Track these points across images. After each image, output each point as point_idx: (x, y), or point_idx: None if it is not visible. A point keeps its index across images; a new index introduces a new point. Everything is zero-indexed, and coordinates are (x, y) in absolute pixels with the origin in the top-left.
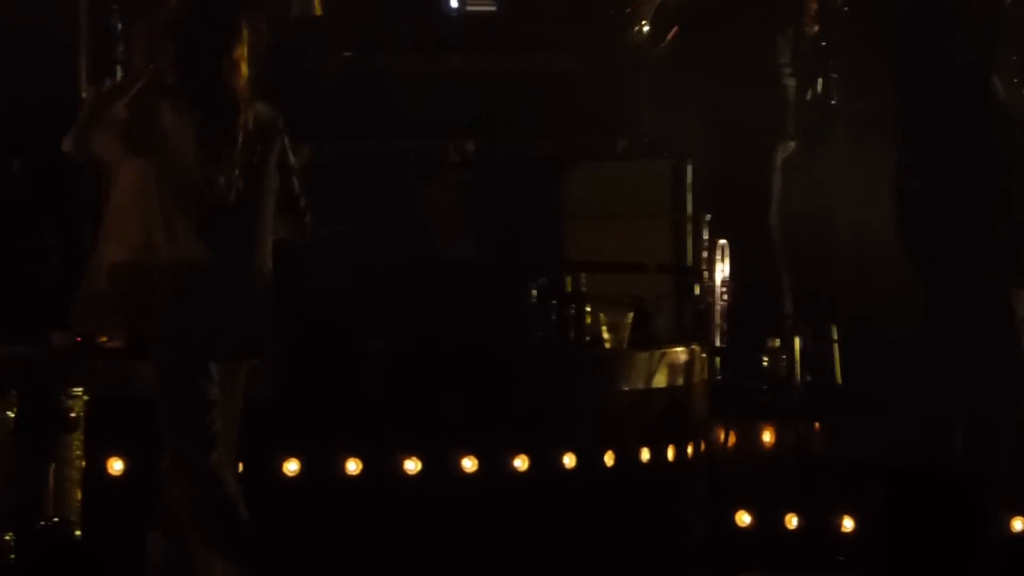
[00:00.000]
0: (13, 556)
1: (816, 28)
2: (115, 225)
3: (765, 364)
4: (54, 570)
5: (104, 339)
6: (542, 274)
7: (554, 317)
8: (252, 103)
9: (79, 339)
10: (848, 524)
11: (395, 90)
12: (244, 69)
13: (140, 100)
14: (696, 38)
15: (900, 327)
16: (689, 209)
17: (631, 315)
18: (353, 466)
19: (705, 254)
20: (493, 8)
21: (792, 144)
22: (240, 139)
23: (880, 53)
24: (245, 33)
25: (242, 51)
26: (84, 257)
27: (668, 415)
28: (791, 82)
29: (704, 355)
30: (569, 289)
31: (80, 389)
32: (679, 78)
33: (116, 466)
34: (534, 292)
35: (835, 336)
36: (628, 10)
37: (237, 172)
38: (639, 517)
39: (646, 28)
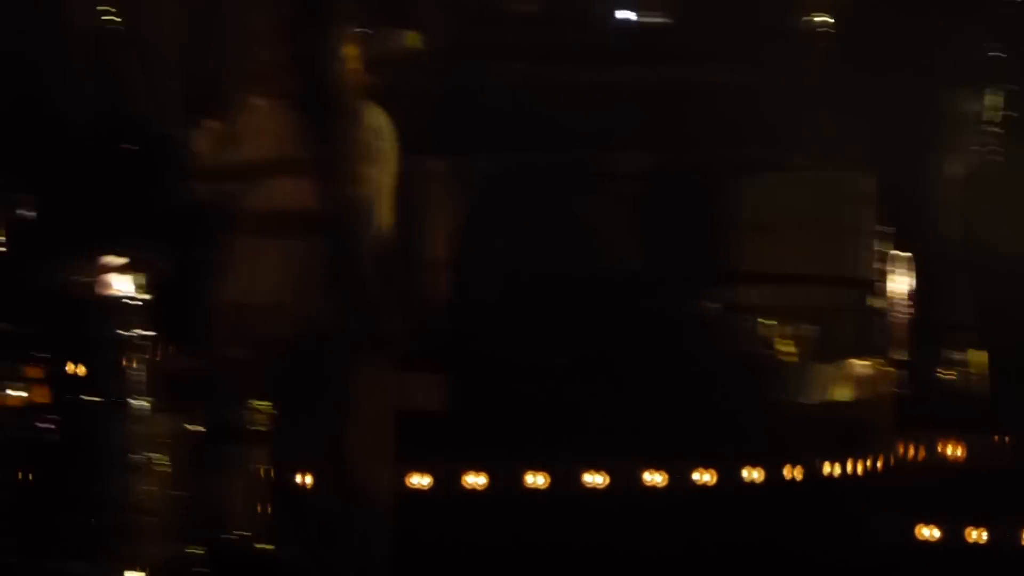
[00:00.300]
0: (199, 569)
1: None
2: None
3: (949, 377)
4: None
5: None
6: (721, 286)
7: (730, 331)
8: (366, 108)
9: None
10: None
11: (565, 101)
12: (354, 74)
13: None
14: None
15: None
16: (869, 221)
17: (812, 328)
18: (540, 479)
19: (885, 266)
20: (664, 20)
21: (972, 156)
22: (355, 143)
23: None
24: (352, 39)
25: (350, 56)
26: None
27: (851, 428)
28: (970, 95)
29: (887, 368)
30: (749, 301)
31: (265, 403)
32: (856, 90)
33: (306, 478)
34: (715, 304)
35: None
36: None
37: (352, 175)
38: (822, 530)
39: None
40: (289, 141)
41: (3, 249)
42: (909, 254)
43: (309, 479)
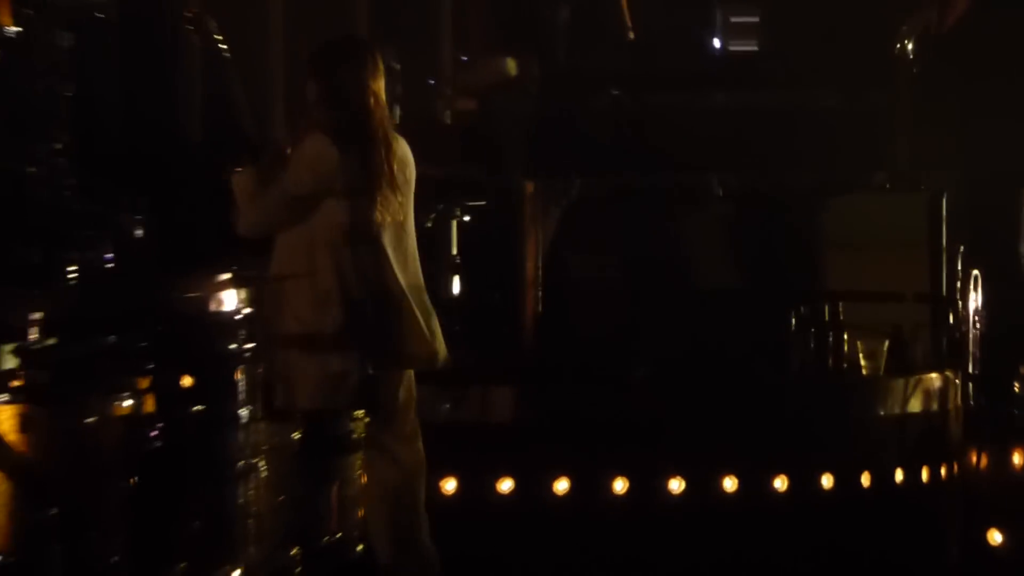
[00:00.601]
0: (299, 570)
1: None
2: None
3: (1018, 389)
4: None
5: None
6: (802, 302)
7: (813, 344)
8: (396, 138)
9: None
10: None
11: (660, 126)
12: (385, 104)
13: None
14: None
15: None
16: (944, 240)
17: (888, 342)
18: (620, 485)
19: (959, 283)
20: (754, 47)
21: None
22: (388, 171)
23: None
24: (382, 69)
25: (381, 87)
26: None
27: (923, 438)
28: None
29: (959, 381)
30: (828, 317)
31: (361, 412)
32: (933, 117)
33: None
34: (794, 320)
35: None
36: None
37: (388, 202)
38: (895, 537)
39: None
40: (332, 170)
41: (114, 265)
42: (980, 271)
43: None
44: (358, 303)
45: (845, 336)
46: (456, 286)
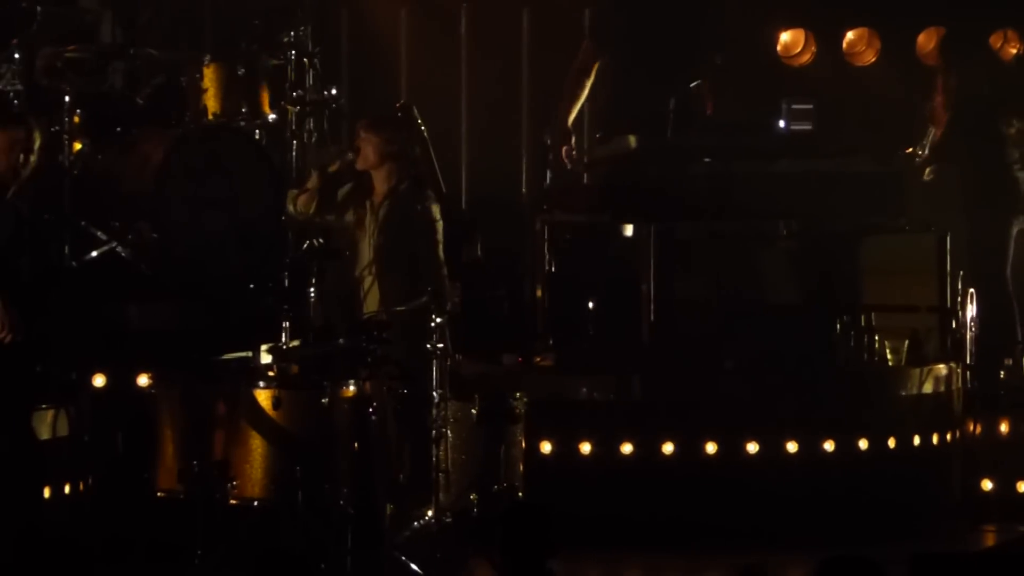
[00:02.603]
0: (476, 511)
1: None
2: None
3: (1003, 376)
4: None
5: (539, 359)
6: (844, 313)
7: (853, 343)
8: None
9: (520, 359)
10: None
11: (740, 186)
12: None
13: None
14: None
15: None
16: (948, 267)
17: (907, 342)
18: (711, 448)
19: (959, 299)
20: (810, 127)
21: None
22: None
23: None
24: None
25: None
26: (525, 303)
27: (934, 412)
28: (1022, 173)
29: (959, 370)
30: (863, 324)
31: (521, 394)
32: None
33: (546, 448)
34: (839, 326)
35: None
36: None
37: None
38: (913, 484)
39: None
40: None
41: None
42: (975, 290)
43: None
44: None
45: (876, 337)
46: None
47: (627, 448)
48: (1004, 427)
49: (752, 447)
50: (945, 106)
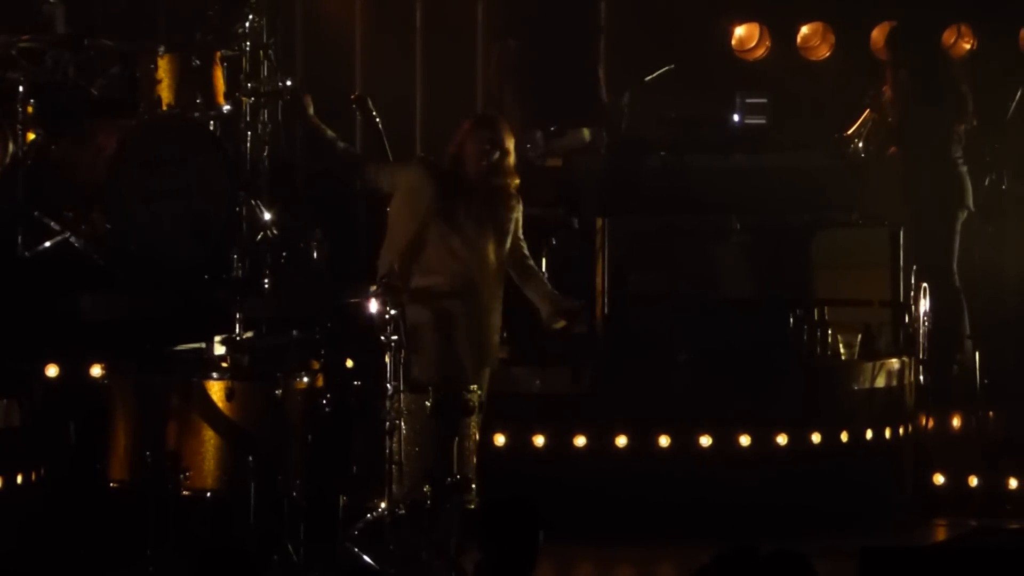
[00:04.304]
0: (428, 502)
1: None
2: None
3: (954, 371)
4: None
5: None
6: (798, 307)
7: (806, 337)
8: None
9: None
10: (1013, 483)
11: (695, 179)
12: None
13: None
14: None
15: None
16: (901, 261)
17: (860, 336)
18: (664, 441)
19: (912, 293)
20: (764, 121)
21: (969, 214)
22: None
23: None
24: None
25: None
26: None
27: (886, 406)
28: (965, 168)
29: (911, 364)
30: (817, 318)
31: (476, 386)
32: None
33: (500, 441)
34: (792, 320)
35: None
36: (849, 132)
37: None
38: (865, 478)
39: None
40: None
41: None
42: (927, 284)
43: None
44: None
45: (829, 332)
46: None
47: (580, 441)
48: (956, 421)
49: (705, 440)
50: (894, 99)
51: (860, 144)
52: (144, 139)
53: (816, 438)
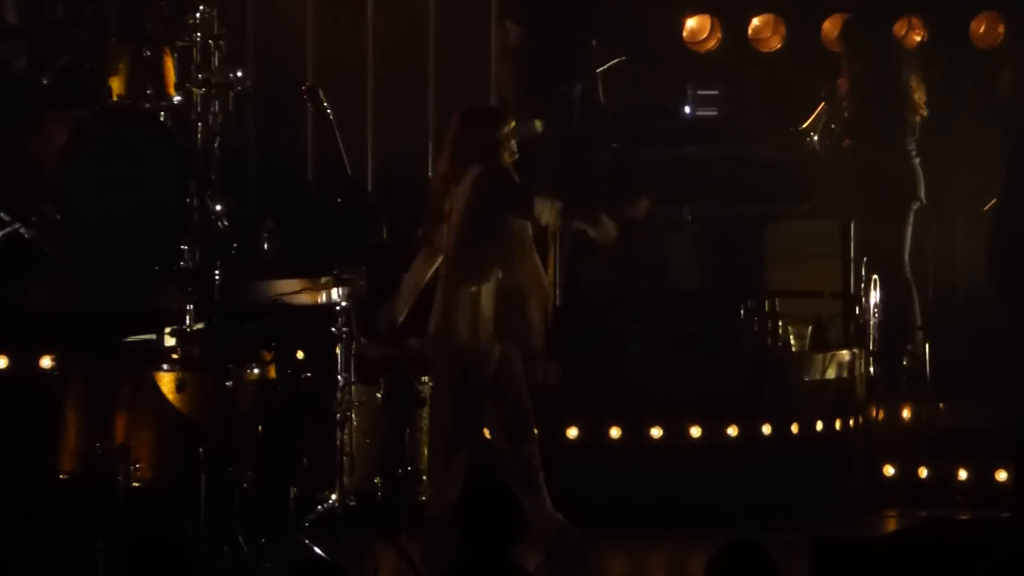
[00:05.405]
0: (380, 494)
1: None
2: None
3: (905, 363)
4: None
5: None
6: (749, 298)
7: (757, 329)
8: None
9: None
10: (963, 475)
11: (647, 170)
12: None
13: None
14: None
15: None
16: (852, 253)
17: (811, 328)
18: (615, 432)
19: (862, 285)
20: (715, 113)
21: (921, 206)
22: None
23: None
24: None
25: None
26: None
27: (836, 398)
28: (918, 160)
29: (862, 356)
30: (767, 309)
31: (427, 378)
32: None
33: None
34: (743, 311)
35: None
36: (804, 125)
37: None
38: (815, 469)
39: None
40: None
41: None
42: (878, 276)
43: None
44: None
45: (780, 323)
46: None
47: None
48: (906, 413)
49: (656, 432)
50: (850, 91)
51: (816, 137)
52: (95, 130)
53: (767, 429)
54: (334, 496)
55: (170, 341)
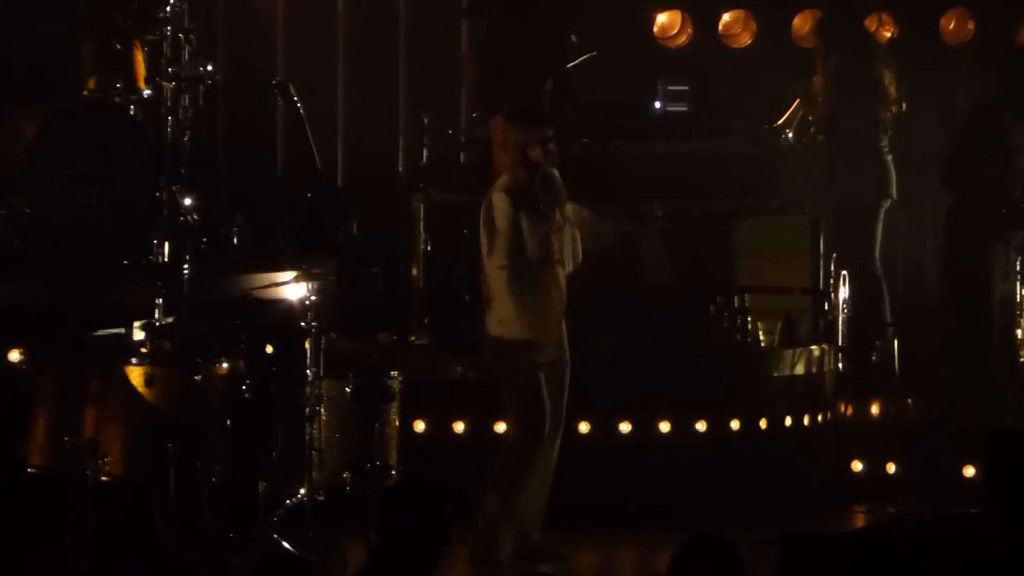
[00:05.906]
0: (349, 489)
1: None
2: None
3: (874, 359)
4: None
5: (414, 338)
6: (718, 294)
7: (727, 324)
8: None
9: (395, 338)
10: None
11: (617, 166)
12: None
13: None
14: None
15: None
16: (821, 249)
17: (780, 323)
18: (584, 427)
19: (832, 280)
20: (685, 108)
21: (892, 202)
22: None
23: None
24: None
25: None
26: (401, 282)
27: (805, 393)
28: (890, 157)
29: (831, 351)
30: (737, 304)
31: (397, 372)
32: (814, 157)
33: (420, 427)
34: (712, 307)
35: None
36: (779, 122)
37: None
38: (784, 465)
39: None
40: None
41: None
42: (847, 271)
43: None
44: None
45: (749, 319)
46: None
47: (501, 427)
48: (875, 409)
49: (624, 427)
50: (824, 87)
51: (790, 134)
52: (64, 124)
53: (735, 425)
54: (303, 491)
55: (139, 335)
